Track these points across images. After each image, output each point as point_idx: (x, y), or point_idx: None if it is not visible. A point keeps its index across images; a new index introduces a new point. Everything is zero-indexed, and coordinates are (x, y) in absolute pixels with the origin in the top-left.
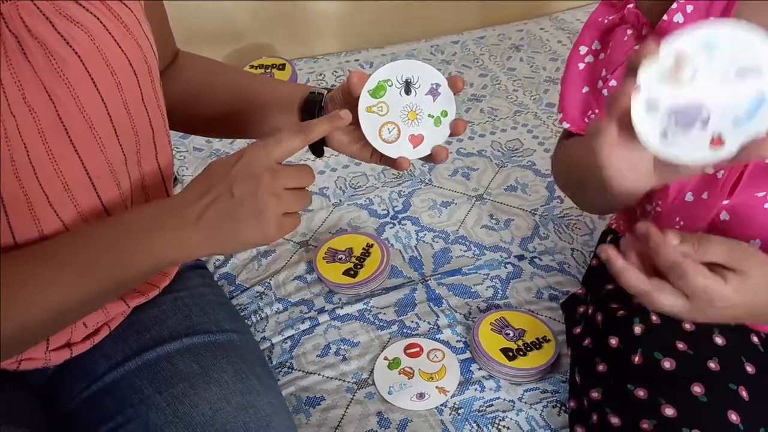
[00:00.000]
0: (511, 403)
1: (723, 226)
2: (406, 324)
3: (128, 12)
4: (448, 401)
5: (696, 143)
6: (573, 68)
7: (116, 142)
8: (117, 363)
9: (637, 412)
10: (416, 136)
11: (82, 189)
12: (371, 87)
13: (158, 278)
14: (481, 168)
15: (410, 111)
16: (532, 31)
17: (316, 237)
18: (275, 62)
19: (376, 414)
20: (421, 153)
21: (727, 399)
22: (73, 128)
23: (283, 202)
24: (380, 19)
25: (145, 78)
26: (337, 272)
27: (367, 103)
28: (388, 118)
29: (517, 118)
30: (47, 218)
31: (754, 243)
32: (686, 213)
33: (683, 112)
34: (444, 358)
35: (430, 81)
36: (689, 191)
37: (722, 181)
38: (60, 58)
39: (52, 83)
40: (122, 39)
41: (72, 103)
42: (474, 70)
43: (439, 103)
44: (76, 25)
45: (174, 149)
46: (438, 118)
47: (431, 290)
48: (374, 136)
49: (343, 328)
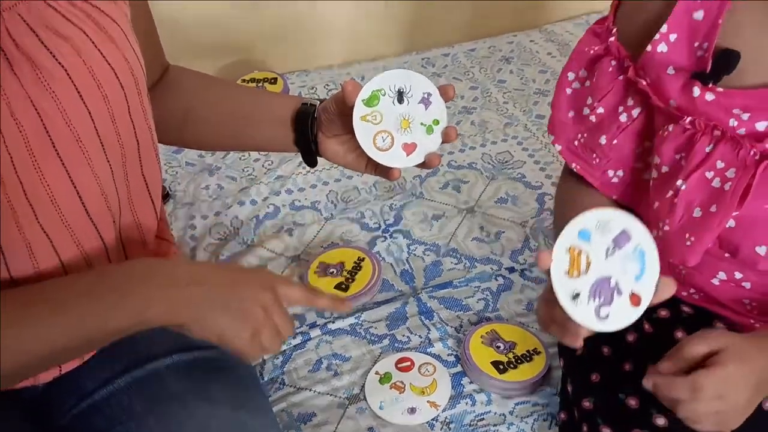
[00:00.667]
0: (503, 417)
1: (729, 234)
2: (398, 338)
3: (115, 26)
4: (439, 415)
5: (622, 309)
6: (562, 93)
7: (103, 156)
8: (106, 380)
9: (628, 422)
10: (409, 144)
11: (69, 203)
12: (365, 96)
13: None
14: (471, 181)
15: (403, 120)
16: (522, 43)
17: (307, 251)
18: (267, 76)
19: (367, 429)
20: (415, 161)
21: None
22: (60, 141)
23: (267, 323)
24: (372, 32)
25: (132, 91)
26: (329, 286)
27: (361, 112)
28: (382, 127)
29: (507, 130)
30: (33, 232)
31: (759, 249)
32: (695, 229)
33: (599, 290)
34: (435, 372)
35: (421, 90)
36: (697, 206)
37: (730, 193)
38: (47, 72)
39: (38, 97)
40: (108, 53)
41: (59, 116)
42: (464, 83)
43: (430, 111)
44: (62, 38)
45: (166, 164)
46: (430, 127)
47: (422, 303)
48: (369, 144)
49: (334, 343)
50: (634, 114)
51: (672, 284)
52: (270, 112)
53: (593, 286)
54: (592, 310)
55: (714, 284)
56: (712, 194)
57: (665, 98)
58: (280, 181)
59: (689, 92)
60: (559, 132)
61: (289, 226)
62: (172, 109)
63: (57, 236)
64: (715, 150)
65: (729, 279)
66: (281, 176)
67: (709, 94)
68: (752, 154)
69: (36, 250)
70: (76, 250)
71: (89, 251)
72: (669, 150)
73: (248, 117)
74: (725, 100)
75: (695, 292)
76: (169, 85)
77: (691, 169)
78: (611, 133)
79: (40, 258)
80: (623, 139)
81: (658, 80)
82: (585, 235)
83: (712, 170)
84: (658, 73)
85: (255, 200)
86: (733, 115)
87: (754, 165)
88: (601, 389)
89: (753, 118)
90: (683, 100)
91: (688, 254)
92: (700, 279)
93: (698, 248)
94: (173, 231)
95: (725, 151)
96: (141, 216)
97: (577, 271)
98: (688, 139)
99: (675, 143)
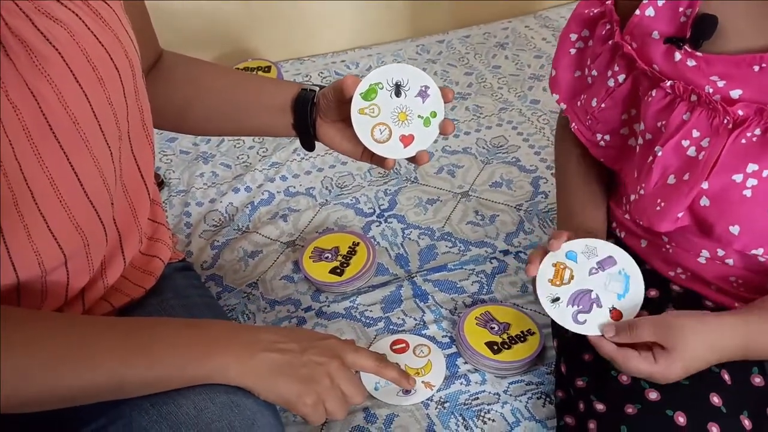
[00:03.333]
0: (497, 396)
1: (703, 212)
2: (393, 320)
3: (107, 9)
4: (434, 395)
5: (599, 319)
6: (565, 53)
7: (102, 138)
8: None
9: (621, 398)
10: (407, 136)
11: (69, 186)
12: (363, 90)
13: (144, 280)
14: (466, 165)
15: (400, 112)
16: (517, 29)
17: (302, 237)
18: (260, 64)
19: (362, 410)
20: (412, 152)
21: (710, 382)
22: (58, 125)
23: (332, 390)
24: (366, 19)
25: (127, 72)
26: (324, 271)
27: (359, 105)
28: (380, 120)
29: (502, 115)
30: (32, 215)
31: (732, 228)
32: (668, 195)
33: (578, 299)
34: (430, 354)
35: (419, 83)
36: (672, 173)
37: (702, 162)
38: (41, 56)
39: (34, 81)
40: (102, 35)
41: (55, 99)
42: (459, 69)
43: (428, 104)
44: (56, 22)
45: (161, 152)
46: (427, 119)
47: (417, 287)
48: (367, 136)
49: (330, 326)
50: (620, 80)
51: None
52: (270, 98)
53: (573, 294)
54: (569, 313)
55: (700, 263)
56: (686, 162)
57: (649, 63)
58: (275, 167)
59: (671, 57)
60: (564, 91)
61: (284, 212)
62: (170, 96)
63: (56, 219)
64: (691, 117)
65: (713, 257)
66: (276, 163)
67: (691, 60)
68: (725, 123)
69: (34, 233)
70: (75, 233)
71: (89, 234)
72: (651, 116)
73: (247, 104)
74: (706, 66)
75: (682, 271)
76: (165, 71)
77: (668, 136)
78: (600, 96)
79: (39, 242)
80: (610, 103)
81: (644, 45)
82: (572, 256)
83: (688, 139)
84: (644, 38)
85: (250, 187)
86: (710, 82)
87: (727, 134)
88: (593, 368)
89: (728, 85)
90: (666, 65)
91: (656, 219)
92: (686, 258)
93: (667, 215)
94: (168, 218)
95: (701, 120)
96: (134, 197)
97: (560, 281)
98: (667, 105)
99: (656, 108)
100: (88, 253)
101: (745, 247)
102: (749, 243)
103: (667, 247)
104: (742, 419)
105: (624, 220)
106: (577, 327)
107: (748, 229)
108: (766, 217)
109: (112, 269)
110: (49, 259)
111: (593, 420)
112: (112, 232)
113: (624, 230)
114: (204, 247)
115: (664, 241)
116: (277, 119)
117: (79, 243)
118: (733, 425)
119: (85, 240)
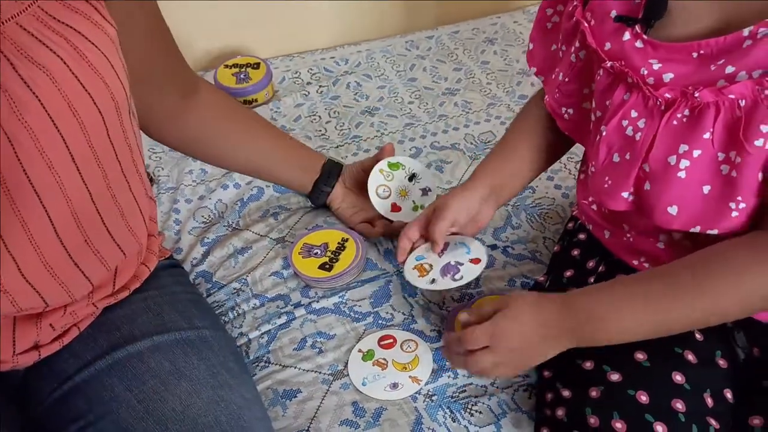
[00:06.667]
0: (484, 389)
1: (646, 195)
2: (382, 315)
3: (95, 51)
4: (421, 389)
5: (469, 270)
6: (541, 27)
7: (79, 180)
8: (87, 362)
9: (585, 382)
10: (398, 206)
11: (43, 231)
12: (393, 161)
13: (129, 281)
14: (454, 161)
15: (403, 190)
16: (506, 24)
17: (292, 233)
18: (250, 61)
19: (351, 404)
20: (394, 218)
21: (672, 362)
22: (32, 170)
23: None
24: (355, 15)
25: (111, 114)
26: (313, 266)
27: (383, 167)
28: (389, 184)
29: (491, 110)
30: (7, 268)
31: (671, 209)
32: (613, 173)
33: (445, 271)
34: (417, 348)
35: (426, 184)
36: (616, 152)
37: (639, 143)
38: (21, 102)
39: (11, 127)
40: (86, 79)
41: (32, 145)
42: (449, 65)
43: (423, 199)
44: (38, 67)
45: (150, 150)
46: (416, 206)
47: (405, 282)
48: (373, 187)
49: (319, 322)
50: (581, 56)
51: None
52: (297, 158)
53: (441, 271)
54: (449, 280)
55: (659, 248)
56: (626, 142)
57: (602, 42)
58: None
59: (621, 36)
60: (539, 63)
61: (273, 209)
62: (194, 133)
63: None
64: (630, 98)
65: (669, 240)
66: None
67: (639, 42)
68: (658, 104)
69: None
70: (50, 279)
71: (65, 279)
72: (598, 94)
73: (271, 176)
74: (651, 50)
75: (645, 259)
76: (199, 107)
77: (610, 115)
78: (565, 71)
79: (10, 284)
80: (572, 77)
81: (600, 23)
82: (420, 258)
83: (627, 119)
84: (602, 16)
85: (239, 183)
86: (647, 64)
87: (660, 115)
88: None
89: (663, 68)
90: (614, 44)
91: (605, 196)
92: (646, 243)
93: (614, 192)
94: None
95: (638, 101)
96: (135, 229)
97: (425, 272)
98: (609, 85)
99: (601, 87)
100: (68, 290)
101: (684, 226)
102: (687, 222)
103: (628, 236)
104: (705, 397)
105: (590, 212)
106: (459, 283)
107: (684, 207)
108: (699, 196)
109: (99, 292)
110: (24, 300)
111: (561, 407)
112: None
113: (591, 222)
114: (194, 244)
115: (624, 230)
116: (296, 176)
117: (56, 287)
118: (697, 402)
119: (63, 286)
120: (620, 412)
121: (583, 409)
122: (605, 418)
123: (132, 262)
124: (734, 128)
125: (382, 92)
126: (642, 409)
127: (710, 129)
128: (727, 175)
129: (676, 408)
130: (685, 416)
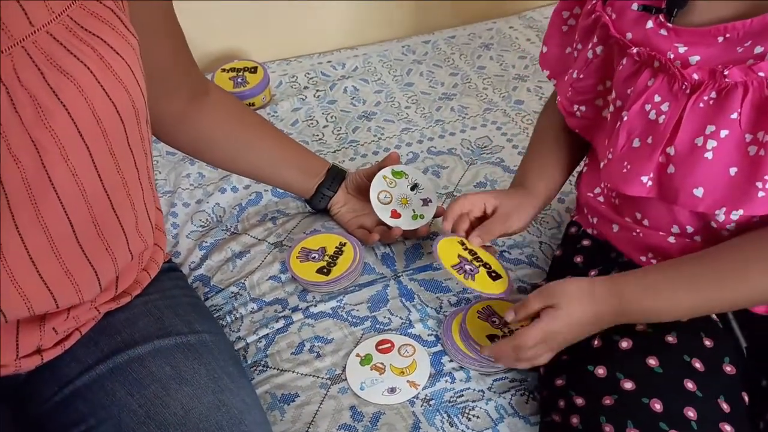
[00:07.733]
0: (481, 393)
1: (669, 179)
2: (379, 320)
3: (120, 60)
4: (419, 393)
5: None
6: (556, 30)
7: (100, 186)
8: (88, 366)
9: (598, 390)
10: (398, 213)
11: (63, 235)
12: (397, 169)
13: (131, 286)
14: (450, 166)
15: (405, 198)
16: (502, 29)
17: (290, 237)
18: (247, 65)
19: (349, 408)
20: (392, 223)
21: (683, 369)
22: (57, 176)
23: None
24: (352, 20)
25: (132, 122)
26: (311, 270)
27: (387, 173)
28: (391, 191)
29: (487, 115)
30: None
31: (696, 191)
32: (633, 158)
33: None
34: (415, 353)
35: (428, 195)
36: (636, 137)
37: (662, 126)
38: (48, 111)
39: (38, 134)
40: (111, 88)
41: (57, 152)
42: (445, 70)
43: (423, 209)
44: (66, 76)
45: None
46: (416, 216)
47: (403, 286)
48: (375, 192)
49: (317, 326)
50: (598, 51)
51: None
52: (302, 161)
53: None
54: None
55: (670, 242)
56: (648, 126)
57: (623, 32)
58: None
59: (644, 24)
60: (553, 67)
61: (272, 213)
62: (204, 135)
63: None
64: (654, 83)
65: (682, 233)
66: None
67: (663, 30)
68: (683, 88)
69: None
70: (67, 281)
71: (80, 282)
72: (621, 83)
73: (275, 182)
74: (675, 36)
75: (653, 255)
76: (209, 109)
77: (633, 101)
78: (580, 68)
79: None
80: (587, 74)
81: (621, 15)
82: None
83: (650, 103)
84: (623, 9)
85: (236, 187)
86: (673, 48)
87: (685, 98)
88: (570, 366)
89: (689, 51)
90: (637, 32)
91: (622, 182)
92: (656, 238)
93: (633, 178)
94: None
95: (663, 85)
96: (144, 233)
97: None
98: (635, 72)
99: (625, 75)
100: (79, 291)
101: (709, 208)
102: (713, 203)
103: (637, 230)
104: (719, 402)
105: (597, 205)
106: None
107: (710, 189)
108: (725, 176)
109: (102, 296)
110: (38, 303)
111: (575, 414)
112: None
113: (597, 216)
114: (192, 248)
115: (634, 222)
116: (298, 178)
117: (69, 288)
118: (710, 408)
119: (75, 286)
120: (634, 421)
121: (598, 418)
122: (620, 426)
123: (134, 266)
124: (763, 108)
125: (379, 97)
126: (656, 417)
127: (738, 109)
128: (755, 155)
129: (688, 416)
130: (697, 424)
